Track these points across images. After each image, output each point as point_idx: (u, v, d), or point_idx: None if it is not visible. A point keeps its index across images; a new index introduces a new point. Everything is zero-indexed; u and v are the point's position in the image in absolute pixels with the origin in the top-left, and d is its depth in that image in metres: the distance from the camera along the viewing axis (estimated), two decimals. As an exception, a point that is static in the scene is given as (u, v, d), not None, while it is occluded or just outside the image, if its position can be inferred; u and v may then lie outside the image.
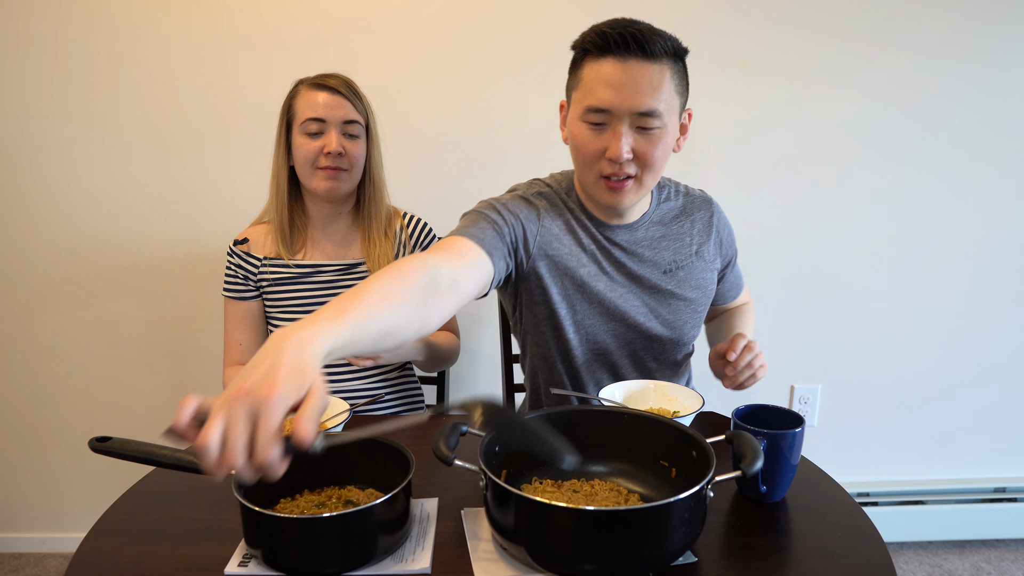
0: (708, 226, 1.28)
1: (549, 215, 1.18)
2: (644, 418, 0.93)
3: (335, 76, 1.37)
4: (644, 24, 1.06)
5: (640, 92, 1.03)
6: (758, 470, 0.79)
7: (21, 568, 2.01)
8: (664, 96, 1.05)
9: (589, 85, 1.06)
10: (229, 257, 1.44)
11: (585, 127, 1.08)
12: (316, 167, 1.35)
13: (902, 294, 1.95)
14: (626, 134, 1.06)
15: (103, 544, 0.87)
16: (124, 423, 1.96)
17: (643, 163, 1.08)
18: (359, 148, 1.37)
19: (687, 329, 1.27)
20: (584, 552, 0.75)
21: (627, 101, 1.04)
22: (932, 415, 2.04)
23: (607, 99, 1.04)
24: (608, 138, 1.07)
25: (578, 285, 1.19)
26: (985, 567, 1.98)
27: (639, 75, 1.03)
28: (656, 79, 1.04)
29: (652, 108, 1.04)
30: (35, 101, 1.74)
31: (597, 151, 1.09)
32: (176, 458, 0.87)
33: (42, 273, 1.86)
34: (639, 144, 1.07)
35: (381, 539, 0.80)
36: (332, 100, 1.33)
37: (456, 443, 0.85)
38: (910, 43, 1.77)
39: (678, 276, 1.24)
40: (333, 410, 1.12)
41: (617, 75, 1.03)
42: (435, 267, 0.90)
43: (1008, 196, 1.89)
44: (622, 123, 1.05)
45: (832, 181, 1.86)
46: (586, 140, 1.09)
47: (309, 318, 0.69)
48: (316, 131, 1.33)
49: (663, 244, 1.24)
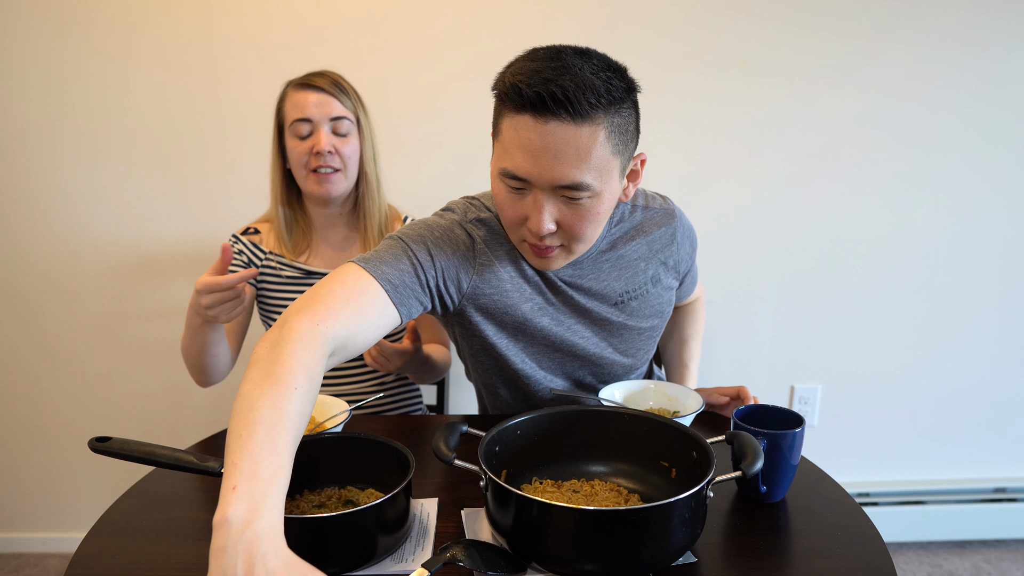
0: (668, 246, 1.16)
1: (488, 247, 1.05)
2: (644, 418, 0.93)
3: (322, 74, 1.34)
4: (577, 71, 0.85)
5: (561, 163, 0.87)
6: (758, 470, 0.79)
7: (21, 568, 2.01)
8: (594, 163, 0.88)
9: (506, 145, 0.90)
10: (232, 243, 1.41)
11: (504, 189, 0.94)
12: (308, 169, 1.32)
13: (902, 294, 1.95)
14: (548, 206, 0.91)
15: (103, 544, 0.87)
16: (124, 423, 1.96)
17: (569, 235, 0.95)
18: (350, 145, 1.34)
19: (642, 355, 1.20)
20: (584, 552, 0.75)
21: (546, 173, 0.88)
22: (932, 415, 2.04)
23: (523, 168, 0.89)
24: (528, 206, 0.93)
25: (519, 324, 1.08)
26: (985, 567, 1.98)
27: (560, 142, 0.86)
28: (584, 144, 0.86)
29: (577, 181, 0.88)
30: (35, 101, 1.74)
31: (517, 218, 0.95)
32: (176, 458, 0.87)
33: (42, 273, 1.86)
34: (564, 216, 0.93)
35: (381, 539, 0.80)
36: (319, 98, 1.31)
37: (456, 443, 0.85)
38: (910, 43, 1.77)
39: (630, 307, 1.13)
40: (332, 410, 1.12)
41: (535, 140, 0.86)
42: (317, 363, 0.79)
43: (1010, 196, 1.88)
44: (543, 192, 0.91)
45: (832, 181, 1.86)
46: (505, 204, 0.95)
47: (250, 495, 0.63)
48: (305, 132, 1.31)
49: (612, 275, 1.11)
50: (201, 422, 1.96)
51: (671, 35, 1.75)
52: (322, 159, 1.31)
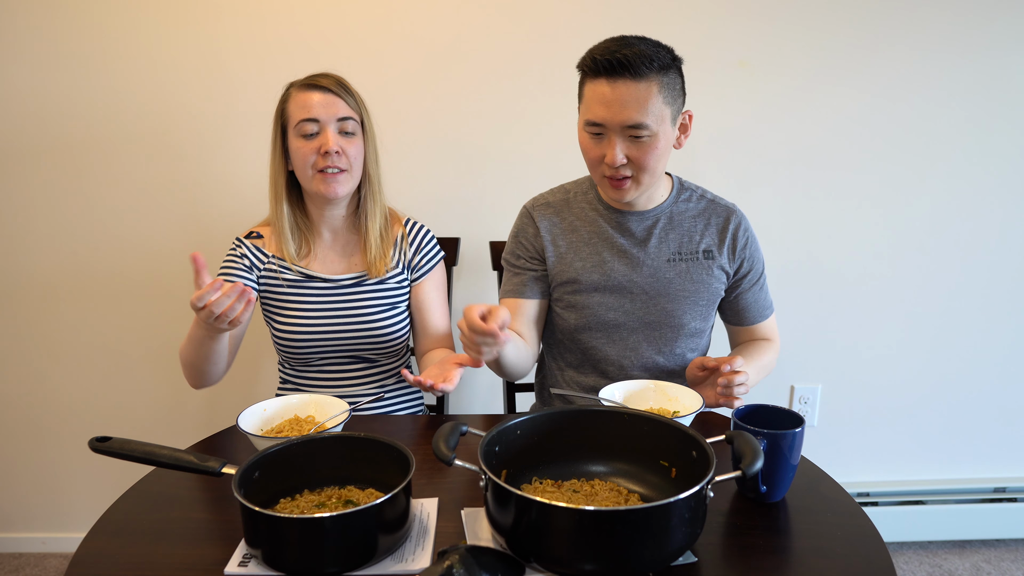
0: (722, 231, 1.35)
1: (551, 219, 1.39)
2: (644, 418, 0.93)
3: (326, 75, 1.35)
4: (636, 45, 1.17)
5: (627, 108, 1.17)
6: (758, 470, 0.79)
7: (21, 568, 2.01)
8: (652, 110, 1.17)
9: (588, 102, 1.21)
10: (235, 247, 1.41)
11: (587, 136, 1.24)
12: (315, 169, 1.32)
13: (903, 294, 1.95)
14: (619, 143, 1.20)
15: (103, 544, 0.87)
16: (124, 423, 1.96)
17: (637, 166, 1.22)
18: (356, 146, 1.35)
19: (687, 319, 1.35)
20: (584, 552, 0.75)
21: (616, 116, 1.18)
22: (932, 415, 2.04)
23: (600, 115, 1.19)
24: (605, 146, 1.22)
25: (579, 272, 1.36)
26: (985, 567, 1.98)
27: (626, 94, 1.16)
28: (643, 96, 1.16)
29: (639, 121, 1.17)
30: (36, 101, 1.74)
31: (597, 157, 1.24)
32: (176, 458, 0.87)
33: (42, 273, 1.86)
34: (631, 151, 1.21)
35: (381, 539, 0.80)
36: (325, 99, 1.31)
37: (456, 443, 0.85)
38: (910, 42, 1.77)
39: (679, 267, 1.34)
40: (333, 410, 1.13)
41: (608, 94, 1.17)
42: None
43: (1011, 196, 1.88)
44: (615, 134, 1.20)
45: (832, 180, 1.86)
46: (588, 147, 1.25)
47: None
48: (312, 132, 1.31)
49: (669, 236, 1.34)
50: (201, 422, 1.96)
51: (671, 35, 1.72)
52: (330, 159, 1.31)
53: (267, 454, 0.88)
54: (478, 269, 1.86)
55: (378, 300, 1.41)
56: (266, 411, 1.12)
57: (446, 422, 0.88)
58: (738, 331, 1.45)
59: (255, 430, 1.08)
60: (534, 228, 1.38)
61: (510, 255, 1.41)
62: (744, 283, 1.38)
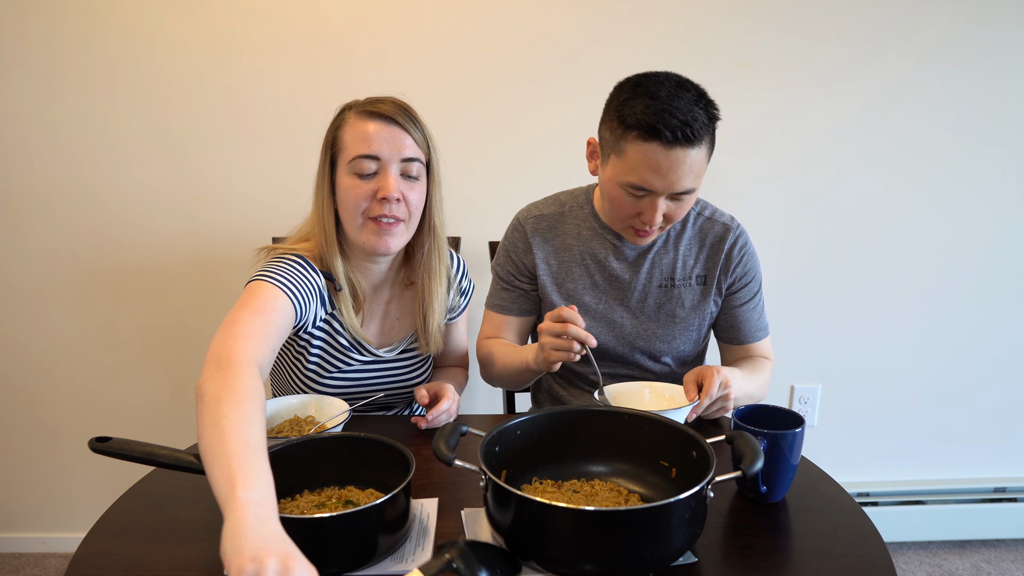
0: (716, 251, 1.30)
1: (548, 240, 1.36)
2: (644, 418, 0.93)
3: (388, 100, 1.13)
4: (690, 109, 1.08)
5: (682, 177, 1.11)
6: (758, 470, 0.79)
7: (21, 568, 2.01)
8: (699, 171, 1.13)
9: (633, 165, 1.12)
10: (307, 270, 1.15)
11: (624, 194, 1.16)
12: (367, 216, 1.12)
13: (902, 294, 1.95)
14: (662, 206, 1.15)
15: (103, 544, 0.87)
16: (124, 423, 1.96)
17: (670, 220, 1.19)
18: (419, 192, 1.14)
19: (678, 344, 1.33)
20: (584, 552, 0.75)
21: (669, 186, 1.12)
22: (932, 415, 2.04)
23: (650, 182, 1.12)
24: (644, 206, 1.16)
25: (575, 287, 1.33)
26: (985, 567, 1.98)
27: (682, 162, 1.10)
28: (696, 162, 1.11)
29: (690, 188, 1.13)
30: (36, 101, 1.74)
31: (631, 213, 1.19)
32: (176, 458, 0.87)
33: (42, 273, 1.86)
34: (671, 209, 1.17)
35: (381, 539, 0.80)
36: (387, 132, 1.10)
37: (456, 443, 0.85)
38: (911, 43, 1.77)
39: (670, 293, 1.31)
40: (333, 410, 1.12)
41: (662, 163, 1.10)
42: None
43: (1010, 198, 1.88)
44: (660, 198, 1.14)
45: (832, 180, 1.86)
46: (622, 203, 1.18)
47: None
48: (369, 172, 1.10)
49: (663, 261, 1.31)
50: (201, 422, 1.96)
51: (671, 35, 1.75)
52: (387, 206, 1.11)
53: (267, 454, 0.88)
54: (478, 269, 1.86)
55: (419, 364, 1.31)
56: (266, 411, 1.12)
57: (446, 422, 0.87)
58: (730, 350, 1.38)
59: (255, 430, 1.07)
60: (525, 244, 1.34)
61: (500, 268, 1.39)
62: (736, 299, 1.33)
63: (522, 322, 1.39)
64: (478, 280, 1.52)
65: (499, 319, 1.38)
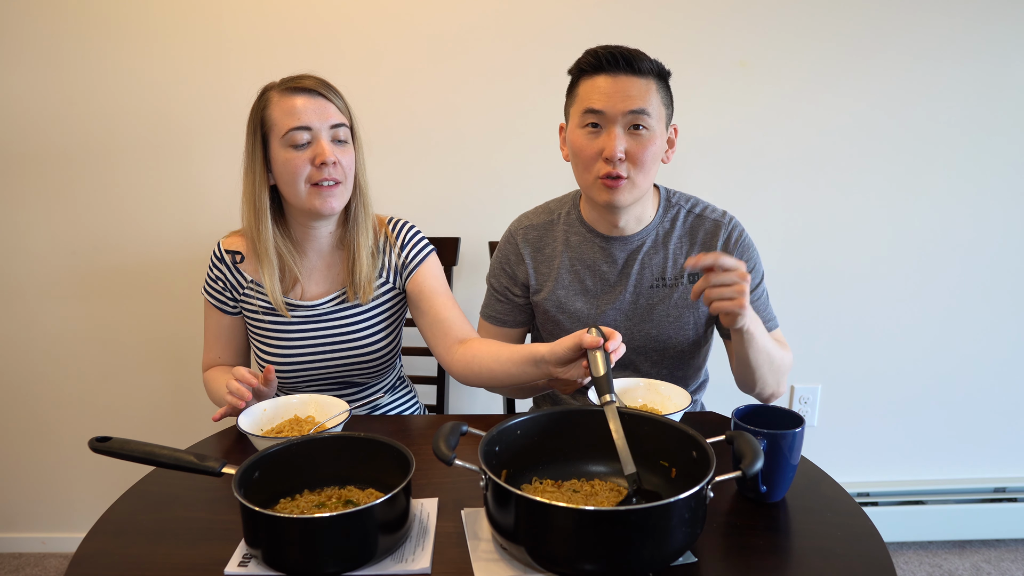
0: (708, 247, 1.30)
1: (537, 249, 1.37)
2: (644, 418, 0.93)
3: (308, 76, 1.22)
4: (632, 50, 1.18)
5: (630, 97, 1.16)
6: (758, 470, 0.79)
7: (21, 568, 2.01)
8: (652, 102, 1.17)
9: (585, 96, 1.19)
10: (216, 261, 1.31)
11: (583, 133, 1.20)
12: (310, 183, 1.20)
13: (902, 294, 1.95)
14: (619, 135, 1.17)
15: (103, 544, 0.87)
16: (124, 423, 1.96)
17: (634, 163, 1.19)
18: (350, 155, 1.23)
19: (673, 343, 1.32)
20: (584, 552, 0.75)
21: (618, 105, 1.16)
22: (932, 415, 2.04)
23: (601, 103, 1.17)
24: (604, 140, 1.18)
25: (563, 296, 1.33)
26: (985, 567, 1.98)
27: (628, 85, 1.16)
28: (643, 89, 1.17)
29: (642, 107, 1.16)
30: (36, 101, 1.74)
31: (594, 153, 1.20)
32: (176, 458, 0.87)
33: (42, 273, 1.86)
34: (631, 145, 1.18)
35: (381, 539, 0.80)
36: (315, 103, 1.19)
37: (456, 443, 0.85)
38: (910, 43, 1.77)
39: (662, 293, 1.31)
40: (333, 410, 1.13)
41: (609, 86, 1.17)
42: None
43: (1009, 199, 1.88)
44: (616, 125, 1.17)
45: (832, 181, 1.86)
46: (584, 144, 1.21)
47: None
48: (303, 141, 1.18)
49: (653, 261, 1.31)
50: (201, 422, 1.96)
51: (671, 35, 1.75)
52: (326, 170, 1.19)
53: (267, 454, 0.88)
54: (478, 269, 1.86)
55: (361, 321, 1.32)
56: (266, 411, 1.12)
57: (446, 422, 0.88)
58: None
59: (255, 430, 1.08)
60: (517, 255, 1.36)
61: (494, 279, 1.41)
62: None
63: (518, 334, 1.42)
64: (479, 280, 1.53)
65: (494, 331, 1.41)
